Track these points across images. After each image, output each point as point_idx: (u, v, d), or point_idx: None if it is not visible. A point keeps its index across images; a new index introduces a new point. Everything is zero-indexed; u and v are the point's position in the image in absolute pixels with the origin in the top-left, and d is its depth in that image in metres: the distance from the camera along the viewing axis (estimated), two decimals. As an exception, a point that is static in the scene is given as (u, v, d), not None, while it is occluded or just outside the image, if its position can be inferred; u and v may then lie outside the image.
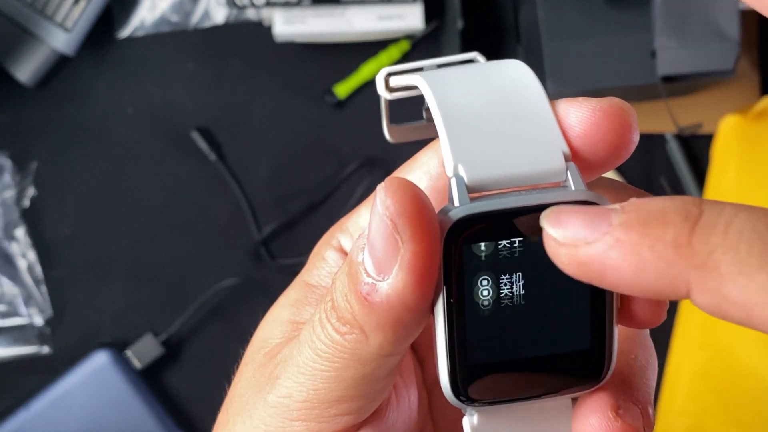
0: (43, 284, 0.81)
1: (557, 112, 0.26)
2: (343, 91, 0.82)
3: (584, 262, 0.21)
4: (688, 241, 0.20)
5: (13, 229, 0.81)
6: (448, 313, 0.24)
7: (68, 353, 0.80)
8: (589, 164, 0.25)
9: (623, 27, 0.72)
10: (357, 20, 0.79)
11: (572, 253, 0.22)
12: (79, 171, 0.82)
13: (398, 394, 0.29)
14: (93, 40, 0.81)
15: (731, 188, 0.75)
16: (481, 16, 0.81)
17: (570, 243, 0.22)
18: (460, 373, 0.24)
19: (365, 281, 0.24)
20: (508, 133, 0.25)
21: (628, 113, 0.25)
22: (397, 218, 0.23)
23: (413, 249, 0.23)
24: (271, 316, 0.30)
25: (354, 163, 0.82)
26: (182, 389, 0.81)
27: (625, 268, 0.21)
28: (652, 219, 0.21)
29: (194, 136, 0.81)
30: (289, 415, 0.27)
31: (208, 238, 0.82)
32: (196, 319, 0.81)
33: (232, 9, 0.82)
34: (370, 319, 0.24)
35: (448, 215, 0.24)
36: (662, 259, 0.20)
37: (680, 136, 0.81)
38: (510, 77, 0.27)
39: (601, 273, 0.21)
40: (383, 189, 0.23)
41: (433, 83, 0.27)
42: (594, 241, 0.21)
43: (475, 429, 0.26)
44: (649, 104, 0.79)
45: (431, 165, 0.28)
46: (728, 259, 0.20)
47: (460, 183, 0.24)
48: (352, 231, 0.30)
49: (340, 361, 0.25)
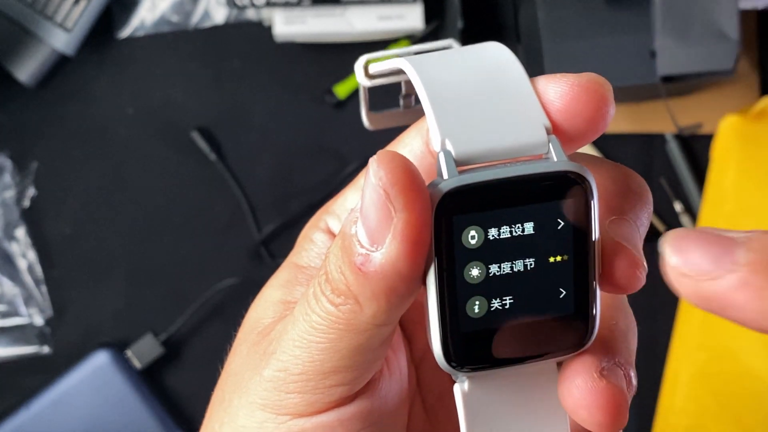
0: (43, 284, 0.81)
1: (537, 88, 0.26)
2: (343, 91, 0.82)
3: (706, 297, 0.22)
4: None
5: (13, 229, 0.81)
6: (439, 283, 0.25)
7: (68, 353, 0.80)
8: (568, 137, 0.26)
9: (623, 27, 0.72)
10: (357, 20, 0.79)
11: (694, 286, 0.22)
12: (79, 171, 0.82)
13: (390, 366, 0.30)
14: (93, 40, 0.81)
15: (731, 188, 0.75)
16: (481, 16, 0.81)
17: (693, 275, 0.22)
18: (452, 340, 0.25)
19: (359, 252, 0.25)
20: (492, 108, 0.26)
21: (604, 87, 0.26)
22: (390, 188, 0.24)
23: (406, 218, 0.24)
24: (262, 298, 0.31)
25: (354, 163, 0.82)
26: (182, 389, 0.81)
27: (749, 311, 0.21)
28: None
29: (194, 136, 0.81)
30: (285, 388, 0.27)
31: (208, 238, 0.82)
32: (196, 319, 0.81)
33: (232, 9, 0.82)
34: (364, 289, 0.25)
35: (438, 187, 0.25)
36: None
37: (680, 136, 0.81)
38: (490, 57, 0.28)
39: (723, 309, 0.21)
40: (375, 161, 0.24)
41: (416, 64, 0.27)
42: (717, 278, 0.21)
43: (465, 394, 0.27)
44: (649, 104, 0.79)
45: (415, 145, 0.29)
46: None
47: (448, 157, 0.25)
48: (338, 213, 0.31)
49: (335, 332, 0.26)
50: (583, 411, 0.26)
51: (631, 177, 0.29)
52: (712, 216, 0.76)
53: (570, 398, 0.26)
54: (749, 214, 0.74)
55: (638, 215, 0.28)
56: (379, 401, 0.28)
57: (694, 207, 0.81)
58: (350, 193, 0.31)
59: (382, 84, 0.31)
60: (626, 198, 0.28)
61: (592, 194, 0.25)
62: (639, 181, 0.29)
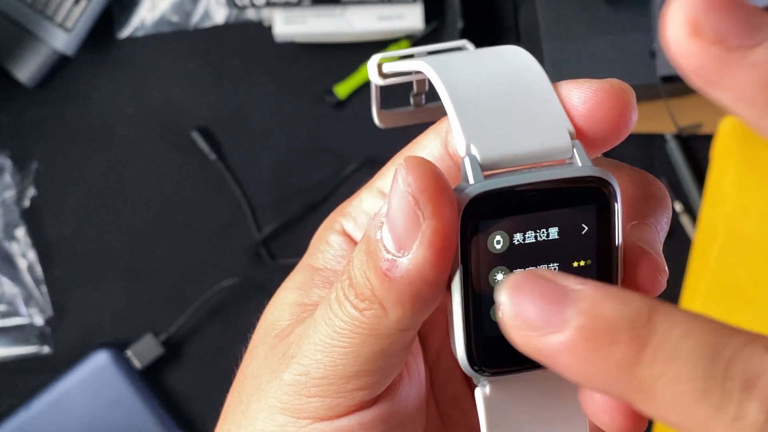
0: (43, 284, 0.81)
1: (560, 93, 0.26)
2: (343, 91, 0.82)
3: (537, 349, 0.22)
4: (634, 365, 0.20)
5: (13, 229, 0.81)
6: (464, 288, 0.25)
7: (68, 353, 0.80)
8: (591, 142, 0.26)
9: (623, 27, 0.73)
10: (357, 20, 0.79)
11: (525, 337, 0.22)
12: (79, 171, 0.82)
13: (409, 370, 0.30)
14: (93, 40, 0.81)
15: (731, 188, 0.75)
16: (481, 16, 0.81)
17: (521, 327, 0.22)
18: (476, 345, 0.25)
19: (385, 257, 0.25)
20: (515, 113, 0.26)
21: (627, 93, 0.26)
22: (419, 194, 0.24)
23: (434, 224, 0.24)
24: (278, 300, 0.31)
25: (354, 163, 0.82)
26: (182, 389, 0.81)
27: (573, 373, 0.21)
28: (603, 333, 0.21)
29: (194, 136, 0.81)
30: (306, 392, 0.27)
31: (208, 238, 0.82)
32: (196, 319, 0.81)
33: (232, 9, 0.82)
34: (389, 295, 0.25)
35: (464, 193, 0.25)
36: (608, 376, 0.21)
37: (680, 136, 0.81)
38: (510, 61, 0.27)
39: (551, 364, 0.22)
40: (404, 167, 0.24)
41: (437, 67, 0.27)
42: (545, 335, 0.21)
43: (487, 399, 0.27)
44: (649, 104, 0.79)
45: (434, 147, 0.28)
46: (670, 392, 0.20)
47: (473, 162, 0.25)
48: (354, 215, 0.31)
49: (358, 337, 0.26)
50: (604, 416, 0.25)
51: (651, 181, 0.29)
52: (712, 216, 0.76)
53: (591, 403, 0.26)
54: (749, 214, 0.74)
55: (659, 220, 0.28)
56: (400, 405, 0.29)
57: (694, 207, 0.81)
58: (365, 195, 0.31)
59: (395, 83, 0.31)
60: (647, 203, 0.28)
61: (617, 199, 0.25)
62: (659, 186, 0.29)
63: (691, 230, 0.82)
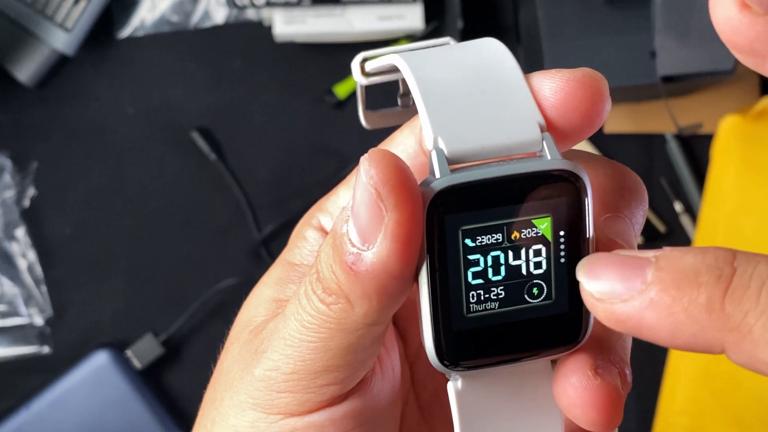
0: (43, 284, 0.81)
1: (532, 85, 0.26)
2: (343, 91, 0.82)
3: (621, 319, 0.22)
4: (721, 304, 0.21)
5: (13, 229, 0.81)
6: (431, 282, 0.25)
7: (68, 353, 0.80)
8: (564, 134, 0.26)
9: (623, 27, 0.72)
10: (357, 20, 0.79)
11: (609, 309, 0.22)
12: (79, 171, 0.82)
13: (382, 365, 0.29)
14: (93, 40, 0.81)
15: (731, 188, 0.75)
16: (481, 16, 0.81)
17: (606, 299, 0.22)
18: (444, 339, 0.25)
19: (350, 251, 0.25)
20: (485, 106, 0.26)
21: (600, 82, 0.26)
22: (381, 187, 0.24)
23: (397, 217, 0.24)
24: (254, 296, 0.31)
25: (354, 163, 0.81)
26: (182, 389, 0.81)
27: (661, 329, 0.21)
28: (686, 280, 0.21)
29: (194, 136, 0.81)
30: (276, 387, 0.27)
31: (208, 238, 0.82)
32: (196, 319, 0.81)
33: (232, 9, 0.82)
34: (355, 288, 0.25)
35: (430, 186, 0.24)
36: (696, 322, 0.21)
37: (680, 136, 0.81)
38: (485, 54, 0.27)
39: (638, 329, 0.22)
40: (367, 160, 0.24)
41: (410, 61, 0.27)
42: (629, 299, 0.22)
43: (459, 393, 0.27)
44: (649, 104, 0.79)
45: (408, 144, 0.28)
46: (761, 324, 0.20)
47: (440, 155, 0.25)
48: (331, 210, 0.31)
49: (326, 331, 0.26)
50: (577, 409, 0.25)
51: (626, 174, 0.28)
52: (712, 216, 0.76)
53: (565, 396, 0.26)
54: (749, 214, 0.74)
55: (633, 212, 0.28)
56: (371, 400, 0.28)
57: (694, 207, 0.81)
58: (342, 191, 0.31)
59: (380, 82, 0.31)
60: (621, 195, 0.28)
61: (587, 192, 0.25)
62: (634, 178, 0.29)
63: (691, 230, 0.82)
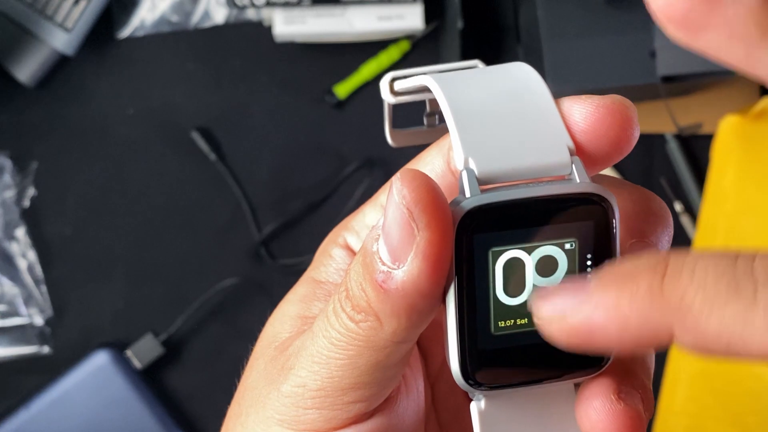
0: (43, 284, 0.81)
1: (561, 109, 0.27)
2: (343, 91, 0.82)
3: (573, 330, 0.23)
4: (660, 289, 0.22)
5: (13, 229, 0.81)
6: (458, 301, 0.25)
7: (68, 353, 0.80)
8: (592, 159, 0.26)
9: (623, 27, 0.73)
10: (357, 20, 0.79)
11: (561, 324, 0.23)
12: (79, 171, 0.82)
13: (407, 384, 0.30)
14: (93, 40, 0.81)
15: (731, 188, 0.75)
16: (481, 16, 0.81)
17: (557, 316, 0.23)
18: (470, 359, 0.26)
19: (380, 269, 0.25)
20: (516, 128, 0.26)
21: (629, 109, 0.26)
22: (413, 206, 0.24)
23: (428, 237, 0.24)
24: (279, 312, 0.31)
25: (354, 163, 0.82)
26: (182, 389, 0.81)
27: (610, 326, 0.22)
28: (625, 277, 0.22)
29: (194, 136, 0.81)
30: (303, 404, 0.27)
31: (208, 238, 0.82)
32: (196, 319, 0.81)
33: (232, 9, 0.82)
34: (385, 306, 0.25)
35: (460, 206, 0.25)
36: (640, 309, 0.22)
37: (680, 136, 0.81)
38: (515, 78, 0.28)
39: (591, 336, 0.23)
40: (399, 179, 0.24)
41: (441, 82, 0.27)
42: (578, 310, 0.23)
43: (482, 413, 0.27)
44: (649, 104, 0.79)
45: (436, 164, 0.29)
46: (699, 298, 0.21)
47: (470, 175, 0.25)
48: (357, 229, 0.31)
49: (354, 349, 0.26)
50: None
51: (652, 199, 0.29)
52: (712, 216, 0.76)
53: (587, 420, 0.26)
54: (749, 214, 0.74)
55: (659, 238, 0.28)
56: (396, 419, 0.29)
57: (694, 207, 0.81)
58: (369, 209, 0.31)
59: (406, 102, 0.31)
60: (647, 220, 0.28)
61: (614, 216, 0.25)
62: (660, 204, 0.29)
63: (691, 230, 0.82)
